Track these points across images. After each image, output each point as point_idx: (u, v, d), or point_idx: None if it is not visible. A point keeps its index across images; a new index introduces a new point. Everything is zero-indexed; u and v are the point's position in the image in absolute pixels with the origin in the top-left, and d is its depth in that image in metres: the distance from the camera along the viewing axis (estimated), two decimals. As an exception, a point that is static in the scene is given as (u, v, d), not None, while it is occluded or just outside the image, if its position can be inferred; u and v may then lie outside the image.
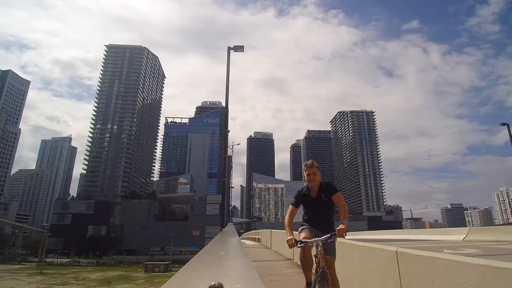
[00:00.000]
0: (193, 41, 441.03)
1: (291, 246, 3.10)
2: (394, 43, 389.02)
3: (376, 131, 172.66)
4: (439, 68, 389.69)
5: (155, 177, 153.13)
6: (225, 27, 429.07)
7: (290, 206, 3.40)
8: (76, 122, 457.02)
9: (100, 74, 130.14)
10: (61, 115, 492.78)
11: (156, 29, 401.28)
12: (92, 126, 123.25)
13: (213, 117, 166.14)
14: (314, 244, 3.00)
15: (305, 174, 3.37)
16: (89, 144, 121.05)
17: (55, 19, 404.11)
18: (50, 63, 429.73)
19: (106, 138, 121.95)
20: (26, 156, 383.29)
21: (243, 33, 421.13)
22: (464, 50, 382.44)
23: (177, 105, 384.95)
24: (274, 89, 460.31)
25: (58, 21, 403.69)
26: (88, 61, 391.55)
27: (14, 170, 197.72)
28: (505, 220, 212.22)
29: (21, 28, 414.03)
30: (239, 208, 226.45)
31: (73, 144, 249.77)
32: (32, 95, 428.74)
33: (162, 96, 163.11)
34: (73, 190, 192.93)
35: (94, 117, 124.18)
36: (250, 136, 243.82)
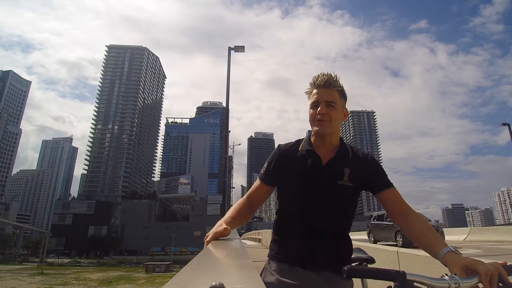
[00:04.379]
0: (199, 41, 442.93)
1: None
2: (402, 43, 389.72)
3: (377, 131, 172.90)
4: (446, 68, 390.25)
5: (156, 177, 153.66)
6: (231, 28, 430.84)
7: (257, 181, 1.48)
8: (81, 122, 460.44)
9: (101, 74, 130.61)
10: (66, 115, 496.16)
11: (163, 29, 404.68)
12: (93, 127, 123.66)
13: (214, 117, 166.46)
14: None
15: (310, 101, 1.37)
16: (90, 144, 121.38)
17: (62, 19, 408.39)
18: (57, 64, 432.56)
19: (107, 139, 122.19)
20: (31, 156, 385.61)
21: (249, 34, 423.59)
22: (471, 50, 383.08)
23: (183, 105, 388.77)
24: (279, 90, 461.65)
25: (65, 21, 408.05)
26: (95, 61, 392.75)
27: (17, 170, 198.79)
28: (506, 220, 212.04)
29: (28, 29, 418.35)
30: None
31: (78, 144, 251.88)
32: (38, 95, 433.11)
33: (163, 96, 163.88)
34: (74, 191, 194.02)
35: (95, 118, 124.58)
36: (251, 136, 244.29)
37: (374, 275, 0.92)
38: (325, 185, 1.30)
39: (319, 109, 1.31)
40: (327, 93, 1.32)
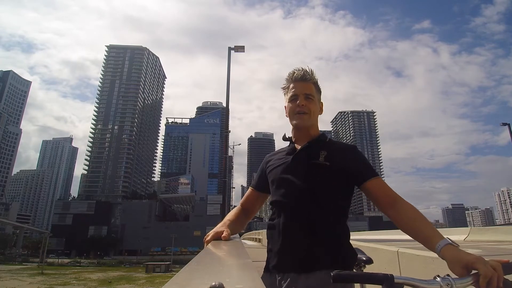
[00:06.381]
0: (201, 41, 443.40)
1: None
2: (405, 43, 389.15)
3: (377, 131, 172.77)
4: (449, 68, 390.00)
5: (156, 177, 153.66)
6: (233, 28, 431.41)
7: (248, 189, 1.53)
8: (82, 122, 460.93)
9: (101, 74, 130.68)
10: (68, 115, 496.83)
11: (165, 29, 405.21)
12: (93, 127, 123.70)
13: (214, 117, 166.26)
14: None
15: (287, 96, 1.45)
16: (90, 144, 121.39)
17: (65, 20, 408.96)
18: (59, 64, 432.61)
19: (107, 139, 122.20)
20: (32, 156, 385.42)
21: (251, 34, 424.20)
22: (474, 50, 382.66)
23: (185, 105, 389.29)
24: (281, 90, 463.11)
25: (68, 21, 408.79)
26: (97, 61, 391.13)
27: (17, 170, 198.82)
28: (506, 220, 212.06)
29: (30, 29, 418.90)
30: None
31: (80, 144, 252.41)
32: (40, 95, 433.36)
33: (163, 96, 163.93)
34: (74, 191, 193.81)
35: (95, 118, 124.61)
36: (251, 136, 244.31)
37: (361, 280, 0.88)
38: (299, 166, 1.27)
39: (298, 101, 1.35)
40: (305, 86, 1.37)
